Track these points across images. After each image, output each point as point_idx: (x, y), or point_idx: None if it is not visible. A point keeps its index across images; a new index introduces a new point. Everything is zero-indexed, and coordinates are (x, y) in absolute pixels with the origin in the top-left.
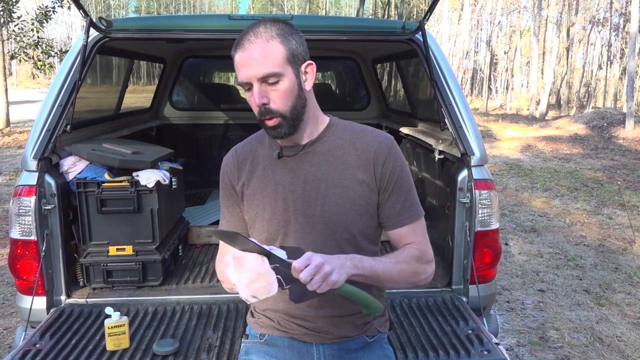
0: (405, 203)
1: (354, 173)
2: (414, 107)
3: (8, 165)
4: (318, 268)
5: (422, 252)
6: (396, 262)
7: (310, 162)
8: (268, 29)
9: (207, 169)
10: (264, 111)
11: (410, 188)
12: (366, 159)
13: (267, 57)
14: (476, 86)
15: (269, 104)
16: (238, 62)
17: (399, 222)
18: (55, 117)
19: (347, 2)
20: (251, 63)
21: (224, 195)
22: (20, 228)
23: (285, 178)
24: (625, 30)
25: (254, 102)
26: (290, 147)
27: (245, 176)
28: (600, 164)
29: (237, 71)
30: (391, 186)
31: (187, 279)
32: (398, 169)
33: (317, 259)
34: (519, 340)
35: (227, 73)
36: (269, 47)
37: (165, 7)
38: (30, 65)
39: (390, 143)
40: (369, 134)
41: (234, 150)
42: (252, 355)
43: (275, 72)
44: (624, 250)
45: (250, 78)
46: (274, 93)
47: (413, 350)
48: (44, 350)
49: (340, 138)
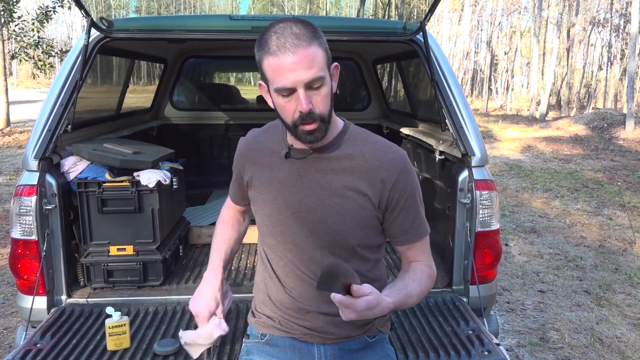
0: (414, 222)
1: (359, 185)
2: (414, 107)
3: (8, 165)
4: (370, 311)
5: (431, 269)
6: (418, 288)
7: (317, 168)
8: (305, 31)
9: (208, 169)
10: (306, 116)
11: (419, 207)
12: (374, 174)
13: (313, 61)
14: (476, 87)
15: (314, 109)
16: (280, 66)
17: (407, 240)
18: (56, 117)
19: (347, 3)
20: (301, 67)
21: (235, 168)
22: (21, 228)
23: (289, 179)
24: (626, 31)
25: (293, 108)
26: (299, 149)
27: (253, 166)
28: (601, 165)
29: (277, 75)
30: (400, 205)
31: (187, 279)
32: (409, 188)
33: (374, 309)
34: (519, 341)
35: (228, 73)
36: (313, 50)
37: (166, 7)
38: (31, 65)
39: (402, 161)
40: (381, 148)
41: (251, 135)
42: (253, 355)
43: (321, 76)
44: (624, 251)
45: (297, 83)
46: (316, 97)
47: (414, 351)
48: (45, 349)
49: (351, 147)
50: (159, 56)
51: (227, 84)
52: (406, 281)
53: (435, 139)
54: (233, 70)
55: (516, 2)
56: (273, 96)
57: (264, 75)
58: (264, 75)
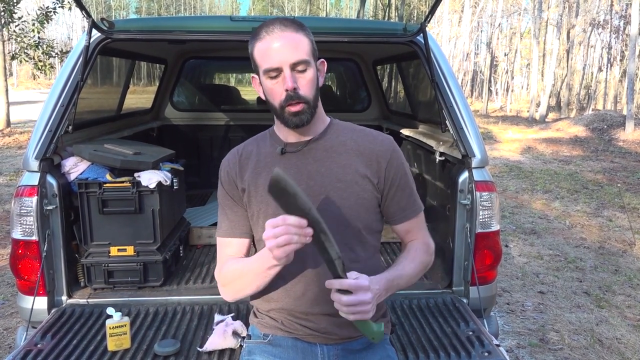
0: (409, 198)
1: (357, 168)
2: (414, 108)
3: (8, 166)
4: (363, 303)
5: (427, 244)
6: (412, 264)
7: (314, 158)
8: (292, 23)
9: (208, 169)
10: (292, 96)
11: (412, 184)
12: (368, 156)
13: (298, 46)
14: (476, 88)
15: (299, 89)
16: (268, 48)
17: (405, 217)
18: (57, 117)
19: (347, 4)
20: (284, 49)
21: (225, 195)
22: (22, 228)
23: (289, 173)
24: (626, 33)
25: (280, 89)
26: (293, 143)
27: (249, 173)
28: (601, 166)
29: (265, 57)
30: (396, 184)
31: (188, 279)
32: (401, 167)
33: (367, 295)
34: (519, 342)
35: (228, 74)
36: (299, 37)
37: (166, 8)
38: (31, 66)
39: (392, 143)
40: (370, 133)
41: (235, 150)
42: (255, 356)
43: (306, 59)
44: (624, 252)
45: (283, 63)
46: (302, 80)
47: (414, 352)
48: (45, 350)
49: (342, 135)
50: (160, 57)
51: (228, 85)
52: (399, 259)
53: (436, 140)
54: (233, 71)
55: (516, 4)
56: (263, 81)
57: (254, 64)
58: (255, 62)
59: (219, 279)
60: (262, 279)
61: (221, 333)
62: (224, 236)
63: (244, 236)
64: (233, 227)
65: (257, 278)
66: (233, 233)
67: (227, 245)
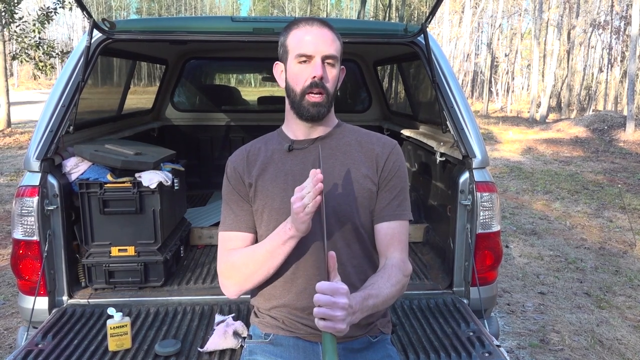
0: (393, 201)
1: (359, 167)
2: (415, 109)
3: (9, 166)
4: (333, 306)
5: (405, 263)
6: (388, 284)
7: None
8: (330, 25)
9: (209, 170)
10: (317, 84)
11: (403, 190)
12: (370, 156)
13: (333, 43)
14: (477, 89)
15: (325, 80)
16: (305, 36)
17: (381, 218)
18: (58, 118)
19: (348, 5)
20: (320, 41)
21: (231, 191)
22: (23, 228)
23: (295, 169)
24: (626, 33)
25: (307, 74)
26: (301, 140)
27: (256, 169)
28: (601, 167)
29: (301, 42)
30: (385, 182)
31: (188, 279)
32: (397, 168)
33: (343, 300)
34: (520, 343)
35: (229, 75)
36: (334, 37)
37: (167, 9)
38: (32, 66)
39: (394, 145)
40: (374, 136)
41: (243, 147)
42: (256, 355)
43: (337, 56)
44: (625, 253)
45: (317, 52)
46: (329, 73)
47: (414, 352)
48: (46, 350)
49: (347, 137)
50: (160, 57)
51: (228, 85)
52: (374, 279)
53: (436, 141)
54: (234, 71)
55: (517, 4)
56: (290, 66)
57: (284, 49)
58: (285, 48)
59: (222, 272)
60: (276, 257)
61: (222, 333)
62: (228, 230)
63: (248, 231)
64: (239, 221)
65: (271, 257)
66: (238, 227)
67: (230, 239)
